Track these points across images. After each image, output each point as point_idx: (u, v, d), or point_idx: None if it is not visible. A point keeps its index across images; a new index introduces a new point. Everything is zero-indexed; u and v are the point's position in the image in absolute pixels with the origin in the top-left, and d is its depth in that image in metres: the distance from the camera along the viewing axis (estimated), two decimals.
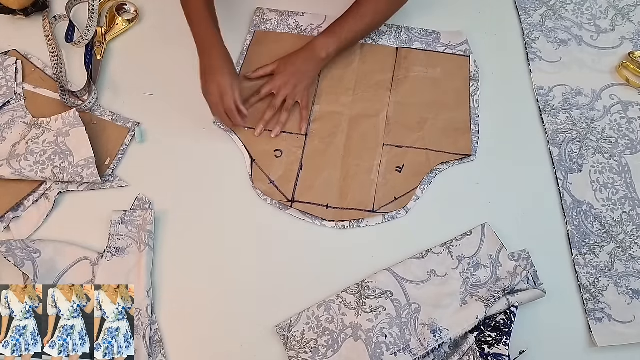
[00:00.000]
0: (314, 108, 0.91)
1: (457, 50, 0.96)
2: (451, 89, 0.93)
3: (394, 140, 0.88)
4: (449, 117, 0.90)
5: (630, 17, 1.01)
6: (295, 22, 1.00)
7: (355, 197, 0.83)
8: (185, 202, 0.82)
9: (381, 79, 0.93)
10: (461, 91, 0.92)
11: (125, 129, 0.87)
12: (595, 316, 0.76)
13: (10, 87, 0.87)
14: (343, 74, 0.94)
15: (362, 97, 0.92)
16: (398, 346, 0.71)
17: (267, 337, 0.74)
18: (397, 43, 0.97)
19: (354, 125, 0.89)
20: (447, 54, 0.96)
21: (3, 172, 0.79)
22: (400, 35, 0.98)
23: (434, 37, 0.98)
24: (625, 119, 0.91)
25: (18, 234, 0.79)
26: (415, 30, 0.98)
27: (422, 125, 0.89)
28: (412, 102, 0.91)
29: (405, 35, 0.98)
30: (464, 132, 0.88)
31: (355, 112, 0.90)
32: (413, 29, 0.99)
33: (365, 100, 0.91)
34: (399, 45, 0.97)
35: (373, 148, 0.87)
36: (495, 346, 0.69)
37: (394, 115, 0.90)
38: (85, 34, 0.91)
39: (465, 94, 0.92)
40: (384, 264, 0.77)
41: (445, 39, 0.98)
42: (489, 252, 0.77)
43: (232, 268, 0.78)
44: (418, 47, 0.97)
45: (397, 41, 0.97)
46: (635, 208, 0.83)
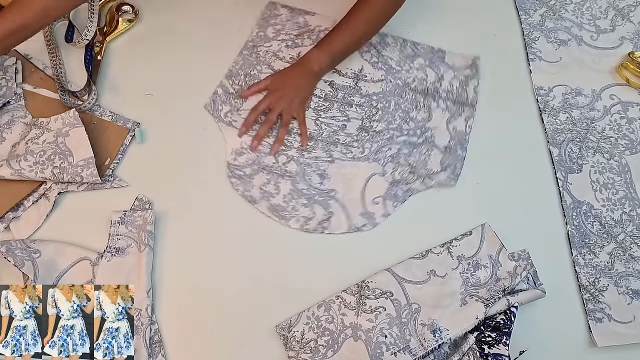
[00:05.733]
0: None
1: (458, 74, 0.94)
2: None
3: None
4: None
5: (630, 17, 1.01)
6: (304, 21, 0.98)
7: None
8: (185, 202, 0.82)
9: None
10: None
11: (125, 129, 0.87)
12: (595, 316, 0.76)
13: (10, 88, 0.87)
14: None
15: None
16: (398, 346, 0.71)
17: (267, 337, 0.74)
18: (400, 57, 0.95)
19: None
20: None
21: (3, 173, 0.79)
22: (404, 49, 0.96)
23: (438, 56, 0.96)
24: (625, 119, 0.91)
25: (18, 234, 0.79)
26: (421, 46, 0.96)
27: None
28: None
29: (410, 49, 0.96)
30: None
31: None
32: (419, 44, 0.97)
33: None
34: (401, 58, 0.95)
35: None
36: (495, 346, 0.69)
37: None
38: (85, 34, 0.90)
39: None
40: (384, 264, 0.77)
41: (450, 60, 0.95)
42: (489, 252, 0.77)
43: (232, 268, 0.78)
44: (420, 62, 0.95)
45: (400, 55, 0.95)
46: (635, 208, 0.83)
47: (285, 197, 0.82)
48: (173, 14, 0.98)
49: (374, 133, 0.87)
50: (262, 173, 0.84)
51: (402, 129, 0.88)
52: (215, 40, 0.96)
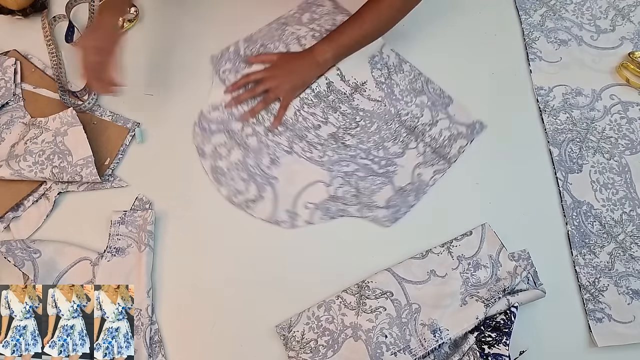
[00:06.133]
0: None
1: (453, 126, 0.89)
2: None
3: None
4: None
5: (630, 17, 1.01)
6: (341, 19, 0.95)
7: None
8: (185, 202, 0.82)
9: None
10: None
11: (125, 129, 0.87)
12: (595, 316, 0.76)
13: (9, 88, 0.87)
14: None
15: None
16: (398, 346, 0.71)
17: (267, 337, 0.74)
18: (407, 88, 0.92)
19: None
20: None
21: (2, 173, 0.79)
22: (415, 82, 0.92)
23: (444, 101, 0.91)
24: (625, 119, 0.91)
25: (18, 234, 0.79)
26: (432, 86, 0.92)
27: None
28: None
29: (420, 84, 0.92)
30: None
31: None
32: (432, 82, 0.92)
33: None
34: (407, 89, 0.92)
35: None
36: (495, 346, 0.69)
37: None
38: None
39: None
40: (384, 264, 0.77)
41: (453, 110, 0.90)
42: (489, 252, 0.77)
43: (232, 268, 0.78)
44: (423, 101, 0.91)
45: (408, 86, 0.92)
46: (635, 208, 0.83)
47: (230, 165, 0.84)
48: (173, 14, 0.98)
49: (341, 145, 0.86)
50: (223, 134, 0.86)
51: (369, 153, 0.86)
52: (216, 41, 0.96)
